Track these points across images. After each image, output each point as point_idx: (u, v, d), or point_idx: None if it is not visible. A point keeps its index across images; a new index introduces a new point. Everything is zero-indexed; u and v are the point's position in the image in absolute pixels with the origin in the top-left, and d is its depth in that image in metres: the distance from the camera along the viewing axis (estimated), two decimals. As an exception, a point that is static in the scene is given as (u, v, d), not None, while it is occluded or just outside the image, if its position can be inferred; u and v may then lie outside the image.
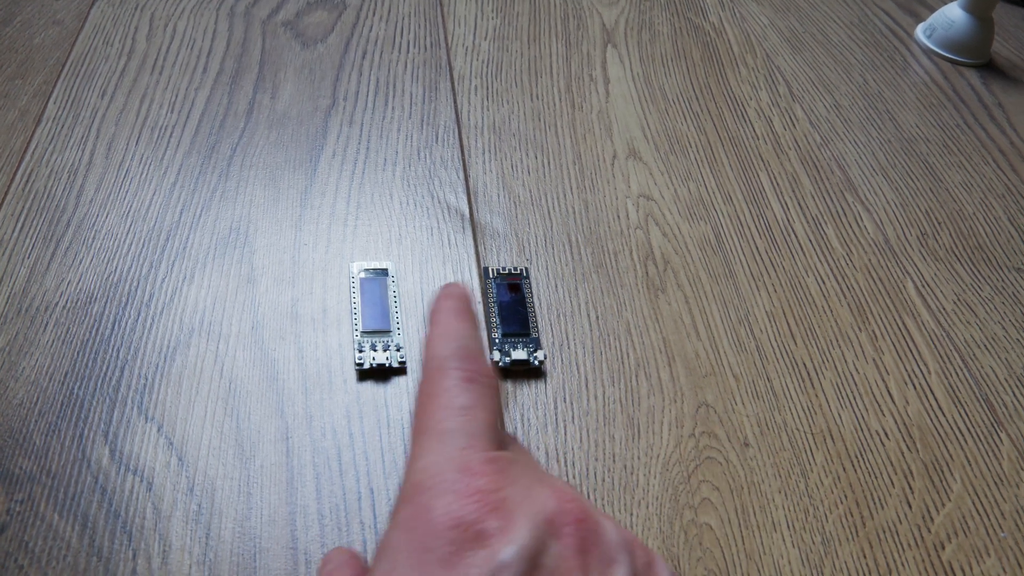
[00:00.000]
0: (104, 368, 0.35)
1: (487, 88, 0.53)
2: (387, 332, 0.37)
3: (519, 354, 0.36)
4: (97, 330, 0.37)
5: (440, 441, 0.21)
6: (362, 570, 0.24)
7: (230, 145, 0.47)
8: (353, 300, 0.38)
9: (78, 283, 0.39)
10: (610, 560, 0.20)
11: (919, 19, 0.65)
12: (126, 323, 0.37)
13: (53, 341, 0.36)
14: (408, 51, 0.55)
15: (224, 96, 0.50)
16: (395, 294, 0.39)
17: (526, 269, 0.41)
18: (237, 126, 0.48)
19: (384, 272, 0.40)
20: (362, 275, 0.39)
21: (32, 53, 0.52)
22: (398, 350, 0.36)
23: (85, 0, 0.57)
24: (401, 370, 0.36)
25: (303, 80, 0.51)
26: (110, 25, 0.55)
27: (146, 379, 0.35)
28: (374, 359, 0.36)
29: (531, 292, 0.40)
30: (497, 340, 0.37)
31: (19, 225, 0.41)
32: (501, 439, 0.22)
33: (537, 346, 0.37)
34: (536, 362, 0.36)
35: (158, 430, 0.34)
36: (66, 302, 0.38)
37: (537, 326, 0.38)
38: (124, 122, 0.48)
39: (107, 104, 0.49)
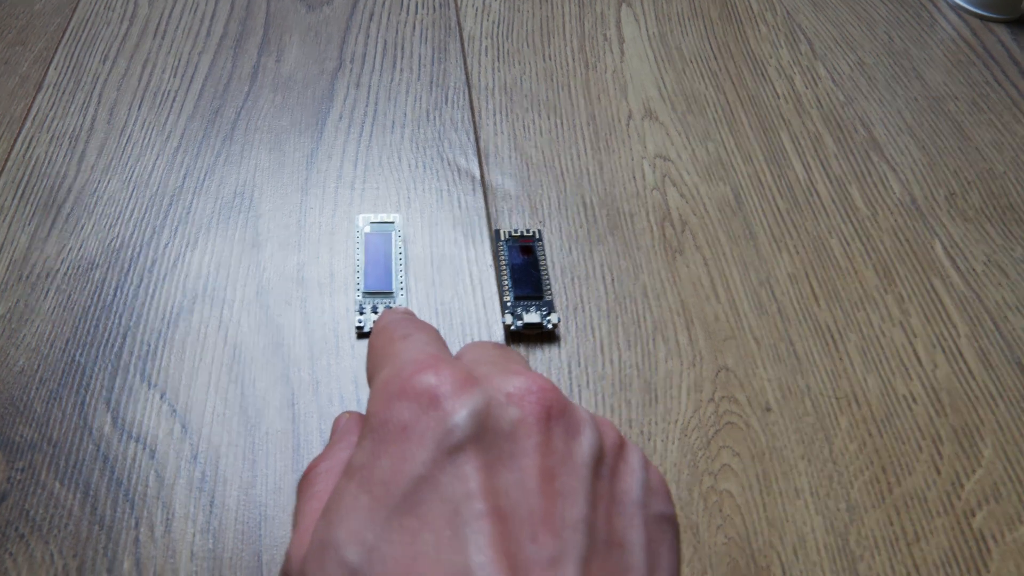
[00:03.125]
0: (106, 335, 0.35)
1: (498, 49, 0.51)
2: (389, 294, 0.36)
3: (532, 317, 0.35)
4: (99, 297, 0.36)
5: (393, 359, 0.22)
6: None
7: (234, 109, 0.45)
8: (357, 257, 0.37)
9: (79, 250, 0.38)
10: (575, 431, 0.20)
11: (946, -26, 0.62)
12: (128, 289, 0.36)
13: (54, 308, 0.35)
14: (416, 12, 0.53)
15: (228, 60, 0.49)
16: (400, 251, 0.37)
17: (539, 231, 0.39)
18: (241, 90, 0.47)
19: (391, 225, 0.38)
20: (367, 229, 0.38)
21: (32, 19, 0.51)
22: (403, 313, 0.35)
23: (86, -35, 0.56)
24: (409, 334, 0.35)
25: (309, 43, 0.50)
26: (112, -10, 0.53)
27: (149, 346, 0.34)
28: (374, 322, 0.35)
29: (544, 255, 0.38)
30: (509, 303, 0.36)
31: (20, 192, 0.40)
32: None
33: (551, 309, 0.36)
34: (549, 325, 0.35)
35: (161, 397, 0.33)
36: (67, 269, 0.37)
37: (551, 289, 0.37)
38: (126, 87, 0.46)
39: (109, 69, 0.48)
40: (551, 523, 0.18)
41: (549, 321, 0.35)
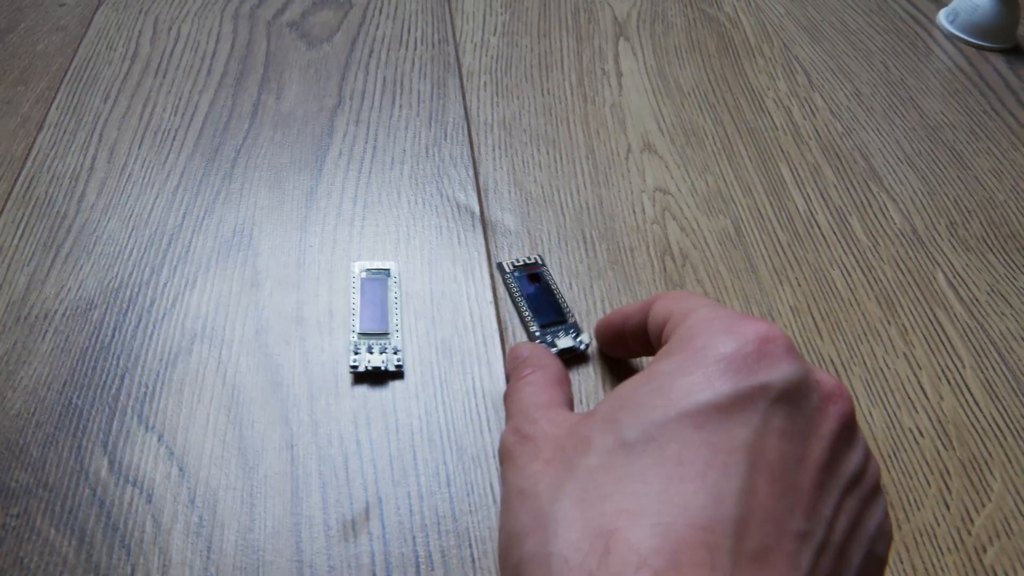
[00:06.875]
0: (104, 377, 0.34)
1: (497, 84, 0.51)
2: (385, 334, 0.36)
3: (565, 342, 0.35)
4: (97, 338, 0.36)
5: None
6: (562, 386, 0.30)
7: (234, 147, 0.46)
8: (353, 301, 0.37)
9: (78, 290, 0.38)
10: (855, 447, 0.23)
11: (941, 4, 0.63)
12: (127, 330, 0.36)
13: (52, 350, 0.35)
14: (416, 48, 0.54)
15: (228, 98, 0.49)
16: (396, 296, 0.37)
17: (540, 257, 0.39)
18: (241, 128, 0.47)
19: (386, 272, 0.38)
20: (363, 275, 0.38)
21: (35, 60, 0.51)
22: (395, 353, 0.35)
23: (89, 6, 0.56)
24: (398, 374, 0.35)
25: (308, 80, 0.50)
26: (114, 30, 0.54)
27: (147, 387, 0.34)
28: (369, 362, 0.34)
29: (552, 279, 0.38)
30: (537, 333, 0.36)
31: (19, 232, 0.40)
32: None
33: (578, 331, 0.36)
34: (583, 346, 0.35)
35: (158, 440, 0.32)
36: (66, 309, 0.37)
37: (572, 310, 0.37)
38: (127, 126, 0.47)
39: (110, 109, 0.48)
40: (809, 506, 0.20)
41: (581, 342, 0.35)
